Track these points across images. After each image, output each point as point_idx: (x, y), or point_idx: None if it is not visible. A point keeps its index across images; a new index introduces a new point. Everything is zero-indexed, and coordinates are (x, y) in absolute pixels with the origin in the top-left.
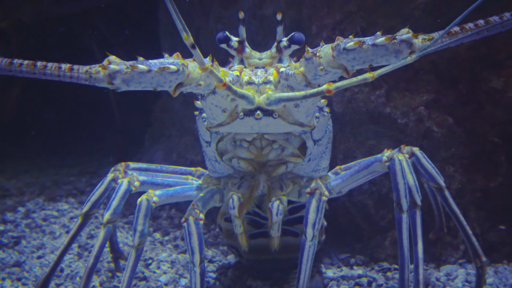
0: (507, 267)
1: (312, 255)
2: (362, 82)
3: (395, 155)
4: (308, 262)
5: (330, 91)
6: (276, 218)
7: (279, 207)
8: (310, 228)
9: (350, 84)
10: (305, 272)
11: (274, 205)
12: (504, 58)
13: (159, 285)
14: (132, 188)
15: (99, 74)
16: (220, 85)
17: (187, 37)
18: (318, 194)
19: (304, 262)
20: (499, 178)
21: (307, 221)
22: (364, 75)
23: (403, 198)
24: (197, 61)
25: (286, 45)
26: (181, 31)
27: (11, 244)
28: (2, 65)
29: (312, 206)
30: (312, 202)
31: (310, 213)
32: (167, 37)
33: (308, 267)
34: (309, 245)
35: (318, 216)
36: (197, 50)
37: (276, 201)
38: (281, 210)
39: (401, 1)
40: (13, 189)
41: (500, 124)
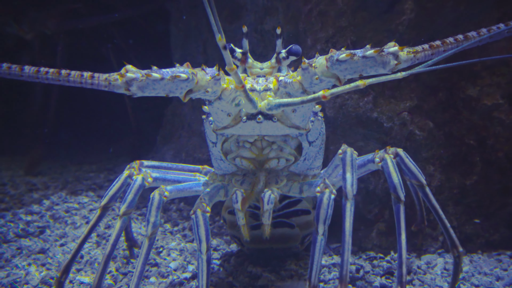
0: (481, 257)
1: (323, 248)
2: (354, 89)
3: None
4: (319, 254)
5: (326, 96)
6: (267, 206)
7: (270, 196)
8: (322, 224)
9: (344, 91)
10: (317, 263)
11: (266, 195)
12: (479, 70)
13: (169, 270)
14: (145, 183)
15: (117, 82)
16: (240, 86)
17: (220, 38)
18: (328, 192)
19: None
20: (474, 177)
21: (319, 218)
22: (356, 82)
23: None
24: (226, 61)
25: (285, 56)
26: (216, 32)
27: (36, 233)
28: (30, 73)
29: (324, 203)
30: (323, 200)
31: (321, 210)
32: (178, 48)
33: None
34: (321, 239)
35: (328, 212)
36: (227, 52)
37: (268, 191)
38: (272, 199)
39: (387, 17)
40: (39, 184)
41: (475, 128)
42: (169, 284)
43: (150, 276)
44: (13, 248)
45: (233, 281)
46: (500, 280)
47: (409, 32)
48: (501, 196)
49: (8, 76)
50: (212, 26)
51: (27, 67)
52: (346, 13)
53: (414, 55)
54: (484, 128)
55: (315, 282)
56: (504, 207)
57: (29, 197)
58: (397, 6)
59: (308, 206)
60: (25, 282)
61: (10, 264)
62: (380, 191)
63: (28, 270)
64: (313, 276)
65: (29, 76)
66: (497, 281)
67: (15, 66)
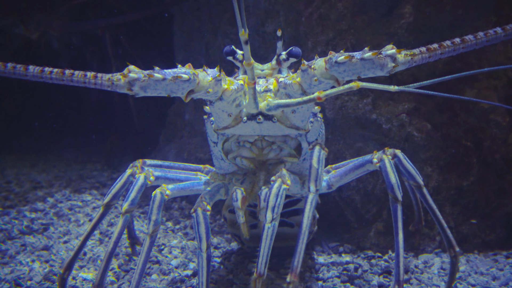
0: (477, 257)
1: (272, 235)
2: (348, 90)
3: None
4: (268, 242)
5: (321, 98)
6: (264, 203)
7: (267, 194)
8: (270, 212)
9: (337, 92)
10: (264, 251)
11: (262, 192)
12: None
13: (170, 268)
14: (148, 182)
15: (120, 82)
16: (251, 83)
17: (244, 33)
18: (280, 182)
19: (264, 241)
20: (471, 178)
21: (267, 205)
22: (350, 84)
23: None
24: (244, 56)
25: (285, 58)
26: (240, 27)
27: (40, 230)
28: (34, 72)
29: (273, 191)
30: (273, 188)
31: (270, 197)
32: (181, 50)
33: (268, 246)
34: (268, 227)
35: (277, 200)
36: (248, 46)
37: (265, 189)
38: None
39: (386, 21)
40: (43, 182)
41: (472, 130)
42: (171, 281)
43: (151, 273)
44: (17, 245)
45: (234, 279)
46: (496, 280)
47: (408, 36)
48: (497, 197)
49: (13, 75)
50: (237, 20)
51: (32, 67)
52: (346, 17)
53: (411, 58)
54: (481, 130)
55: (261, 270)
56: (500, 208)
57: (33, 195)
58: (396, 10)
59: None
60: (28, 278)
61: (14, 261)
62: (379, 191)
63: (31, 266)
64: (260, 264)
65: (34, 76)
66: (493, 280)
67: (20, 66)
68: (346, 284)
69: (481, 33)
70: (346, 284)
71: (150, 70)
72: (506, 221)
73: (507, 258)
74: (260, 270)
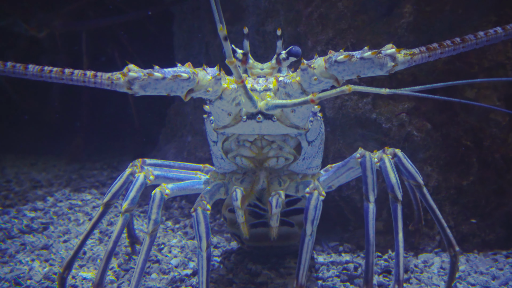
0: (477, 256)
1: (311, 248)
2: (340, 94)
3: (367, 153)
4: (307, 254)
5: (314, 100)
6: (275, 210)
7: (278, 200)
8: (310, 224)
9: (330, 95)
10: (304, 262)
11: (273, 199)
12: (476, 72)
13: (170, 267)
14: (147, 181)
15: (119, 81)
16: (239, 81)
17: (222, 28)
18: (317, 194)
19: (304, 254)
20: (471, 177)
21: (307, 218)
22: (342, 87)
23: (371, 192)
24: (226, 54)
25: (285, 57)
26: (218, 23)
27: (40, 229)
28: (34, 71)
29: (312, 204)
30: (311, 201)
31: (309, 210)
32: (181, 49)
33: (307, 258)
34: (308, 239)
35: (316, 213)
36: (228, 42)
37: (275, 195)
38: (280, 203)
39: (386, 20)
40: (43, 181)
41: (472, 129)
42: (170, 281)
43: (151, 272)
44: (17, 244)
45: (233, 278)
46: (496, 279)
47: (408, 35)
48: (497, 197)
49: (13, 74)
50: (215, 15)
51: (31, 66)
52: (346, 16)
53: (411, 57)
54: (481, 129)
55: (302, 281)
56: (500, 207)
57: (33, 194)
58: (396, 10)
59: None
60: (28, 278)
61: (14, 260)
62: (378, 191)
63: (31, 265)
64: (301, 275)
65: (33, 75)
66: (493, 280)
67: (19, 64)
68: (345, 283)
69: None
70: (346, 284)
71: (150, 69)
72: (506, 221)
73: (506, 258)
74: (301, 282)
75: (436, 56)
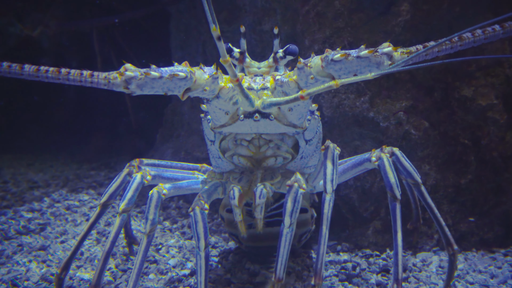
0: (475, 255)
1: (290, 240)
2: (328, 89)
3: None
4: (286, 246)
5: (304, 97)
6: (259, 200)
7: (262, 191)
8: (288, 217)
9: (319, 91)
10: (283, 255)
11: (258, 189)
12: (474, 70)
13: (168, 267)
14: (145, 181)
15: (116, 80)
16: (234, 80)
17: (215, 29)
18: (297, 186)
19: (282, 246)
20: (469, 176)
21: (285, 210)
22: (330, 82)
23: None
24: (220, 53)
25: (282, 56)
26: (211, 23)
27: (37, 230)
28: (30, 71)
29: (291, 196)
30: (290, 193)
31: (288, 203)
32: (177, 49)
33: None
34: (287, 232)
35: (295, 206)
36: (222, 42)
37: (260, 185)
38: (264, 194)
39: (383, 19)
40: (40, 182)
41: (470, 128)
42: (168, 281)
43: (149, 272)
44: (14, 245)
45: (231, 278)
46: (494, 278)
47: (405, 33)
48: (495, 195)
49: (9, 74)
50: (207, 15)
51: (27, 66)
52: (343, 15)
53: (407, 56)
54: (479, 128)
55: (280, 274)
56: (498, 206)
57: (30, 195)
58: (393, 8)
59: (305, 205)
60: (25, 279)
61: (11, 261)
62: (376, 190)
63: (28, 266)
64: (279, 269)
65: (29, 75)
66: (491, 278)
67: (15, 64)
68: (344, 282)
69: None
70: (344, 283)
71: (147, 68)
72: (504, 219)
73: (505, 256)
74: (279, 275)
75: (433, 54)
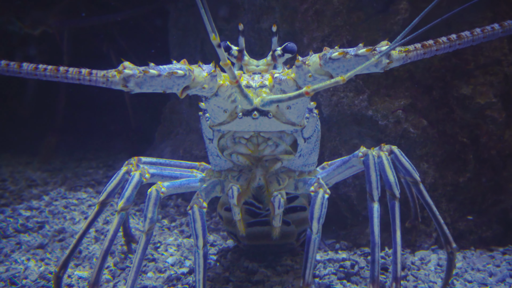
0: (474, 253)
1: (317, 245)
2: (334, 84)
3: (369, 152)
4: (313, 252)
5: (308, 93)
6: (278, 210)
7: (281, 200)
8: (316, 222)
9: (325, 87)
10: (311, 261)
11: (276, 199)
12: (472, 68)
13: (166, 265)
14: (143, 179)
15: (115, 78)
16: (233, 82)
17: (215, 37)
18: (322, 192)
19: (311, 252)
20: (467, 174)
21: (313, 216)
22: (336, 78)
23: (375, 190)
24: (220, 57)
25: (280, 54)
26: (210, 32)
27: (35, 228)
28: (28, 69)
29: (317, 203)
30: (317, 200)
31: (315, 209)
32: (176, 47)
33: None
34: (315, 238)
35: (322, 211)
36: (222, 49)
37: (278, 195)
38: (282, 204)
39: (382, 17)
40: (38, 180)
41: (468, 126)
42: (167, 279)
43: (147, 271)
44: (13, 243)
45: (230, 276)
46: (493, 276)
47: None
48: (493, 193)
49: (7, 73)
50: (206, 25)
51: (25, 64)
52: (341, 13)
53: (406, 54)
54: (477, 126)
55: (309, 280)
56: (496, 204)
57: (28, 193)
58: (392, 6)
59: (304, 203)
60: (24, 277)
61: (10, 259)
62: None
63: (27, 265)
64: (307, 274)
65: (28, 73)
66: (490, 277)
67: (13, 63)
68: (342, 281)
69: (478, 29)
70: (343, 281)
71: (145, 66)
72: (502, 218)
73: (503, 255)
74: (308, 280)
75: (432, 53)
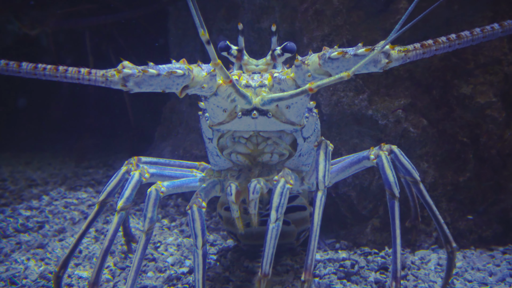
0: (474, 252)
1: (276, 235)
2: (339, 80)
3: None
4: (272, 241)
5: (312, 89)
6: (252, 196)
7: (256, 186)
8: (274, 211)
9: (329, 83)
10: (269, 250)
11: (251, 184)
12: (472, 68)
13: (166, 265)
14: (143, 179)
15: (114, 77)
16: (227, 81)
17: (204, 33)
18: (283, 181)
19: (268, 241)
20: (467, 174)
21: (272, 204)
22: (340, 74)
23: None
24: (210, 56)
25: (280, 53)
26: (199, 27)
27: (35, 228)
28: (28, 69)
29: (277, 191)
30: (277, 188)
31: (274, 197)
32: (176, 46)
33: (272, 246)
34: (272, 227)
35: (281, 200)
36: (211, 46)
37: (254, 181)
38: (258, 189)
39: (382, 16)
40: (38, 180)
41: (468, 125)
42: (167, 279)
43: (147, 270)
44: (13, 243)
45: (230, 276)
46: (493, 276)
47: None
48: (493, 193)
49: (6, 72)
50: (195, 20)
51: (25, 64)
52: (341, 12)
53: (405, 54)
54: (477, 125)
55: (266, 270)
56: (496, 204)
57: (28, 193)
58: (391, 6)
59: (304, 202)
60: (24, 277)
61: (10, 259)
62: (375, 188)
63: (27, 264)
64: (265, 264)
65: (27, 73)
66: (490, 276)
67: (13, 62)
68: (342, 280)
69: (478, 29)
70: (343, 281)
71: (145, 66)
72: (502, 217)
73: (503, 254)
74: (265, 270)
75: (431, 53)
